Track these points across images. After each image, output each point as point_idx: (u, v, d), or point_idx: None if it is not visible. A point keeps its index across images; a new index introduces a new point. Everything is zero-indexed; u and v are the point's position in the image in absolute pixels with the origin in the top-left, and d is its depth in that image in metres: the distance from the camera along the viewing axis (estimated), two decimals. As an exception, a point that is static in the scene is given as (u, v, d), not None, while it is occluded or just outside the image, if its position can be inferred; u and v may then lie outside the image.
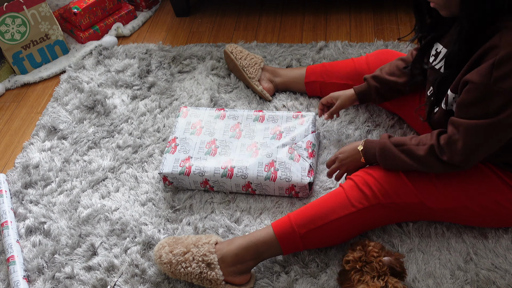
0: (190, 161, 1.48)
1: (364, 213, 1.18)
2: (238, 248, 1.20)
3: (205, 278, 1.19)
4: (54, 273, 1.34)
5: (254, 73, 1.76)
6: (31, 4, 1.94)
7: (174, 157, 1.50)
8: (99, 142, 1.70)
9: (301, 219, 1.20)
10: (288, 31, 2.12)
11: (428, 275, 1.23)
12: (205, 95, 1.82)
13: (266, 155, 1.47)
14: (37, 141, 1.73)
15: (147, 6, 2.32)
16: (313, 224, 1.19)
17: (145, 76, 1.94)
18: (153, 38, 2.18)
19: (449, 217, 1.24)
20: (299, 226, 1.19)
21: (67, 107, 1.84)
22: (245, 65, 1.77)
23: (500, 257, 1.25)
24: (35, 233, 1.44)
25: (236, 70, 1.81)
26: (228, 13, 2.27)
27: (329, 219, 1.18)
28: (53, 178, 1.59)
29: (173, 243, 1.24)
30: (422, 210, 1.21)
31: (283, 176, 1.41)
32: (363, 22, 2.10)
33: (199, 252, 1.20)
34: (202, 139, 1.55)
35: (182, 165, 1.47)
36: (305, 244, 1.21)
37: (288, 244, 1.21)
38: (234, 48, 1.82)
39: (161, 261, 1.22)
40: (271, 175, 1.42)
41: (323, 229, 1.19)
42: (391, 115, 1.64)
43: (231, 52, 1.80)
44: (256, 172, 1.43)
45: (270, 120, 1.59)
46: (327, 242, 1.25)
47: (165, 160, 1.50)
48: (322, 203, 1.22)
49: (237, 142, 1.53)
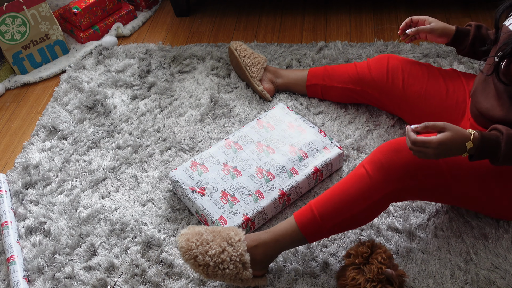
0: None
1: (389, 198, 1.16)
2: (266, 247, 1.20)
3: (239, 277, 1.17)
4: (54, 273, 1.34)
5: (256, 73, 1.76)
6: (31, 4, 1.94)
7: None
8: (99, 142, 1.70)
9: (327, 213, 1.16)
10: (288, 31, 2.12)
11: (428, 275, 1.23)
12: (205, 95, 1.82)
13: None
14: (37, 141, 1.73)
15: (147, 6, 2.32)
16: (339, 217, 1.16)
17: (145, 76, 1.94)
18: (153, 38, 2.18)
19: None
20: (324, 220, 1.16)
21: (67, 107, 1.84)
22: (248, 64, 1.77)
23: (500, 257, 1.25)
24: (35, 233, 1.44)
25: (239, 68, 1.81)
26: (228, 13, 2.27)
27: (356, 210, 1.16)
28: (53, 178, 1.59)
29: (203, 241, 1.17)
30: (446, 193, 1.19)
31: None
32: (363, 22, 2.10)
33: (236, 251, 1.16)
34: (214, 169, 1.46)
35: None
36: (331, 233, 1.20)
37: (314, 237, 1.19)
38: (239, 45, 1.81)
39: (196, 262, 1.15)
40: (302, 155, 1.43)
41: (351, 220, 1.17)
42: (391, 115, 1.64)
43: (236, 49, 1.80)
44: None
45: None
46: (353, 226, 1.22)
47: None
48: (345, 190, 1.17)
49: (243, 153, 1.49)
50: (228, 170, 1.44)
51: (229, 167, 1.44)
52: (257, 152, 1.48)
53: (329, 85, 1.64)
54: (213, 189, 1.39)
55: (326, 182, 1.49)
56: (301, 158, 1.45)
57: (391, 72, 1.50)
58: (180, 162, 1.60)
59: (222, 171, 1.44)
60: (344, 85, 1.61)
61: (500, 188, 1.17)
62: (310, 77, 1.69)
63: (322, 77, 1.66)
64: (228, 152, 1.49)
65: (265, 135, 1.53)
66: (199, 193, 1.39)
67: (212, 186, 1.40)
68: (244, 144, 1.51)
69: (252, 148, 1.49)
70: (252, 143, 1.51)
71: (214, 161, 1.47)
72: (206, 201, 1.37)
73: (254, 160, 1.46)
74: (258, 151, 1.48)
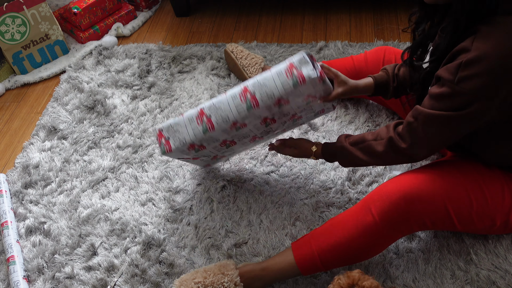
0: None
1: (389, 238, 1.14)
2: (262, 281, 1.21)
3: None
4: (54, 273, 1.34)
5: (255, 73, 1.76)
6: (31, 4, 1.94)
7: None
8: (99, 142, 1.70)
9: (331, 261, 1.14)
10: (288, 31, 2.12)
11: (428, 275, 1.23)
12: (205, 95, 1.82)
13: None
14: (37, 141, 1.73)
15: (147, 6, 2.32)
16: (344, 263, 1.16)
17: (145, 76, 1.94)
18: (153, 38, 2.18)
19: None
20: (327, 266, 1.15)
21: (67, 107, 1.84)
22: (245, 65, 1.77)
23: (500, 257, 1.24)
24: (35, 233, 1.44)
25: (236, 69, 1.81)
26: (228, 13, 2.27)
27: (363, 258, 1.16)
28: (53, 178, 1.59)
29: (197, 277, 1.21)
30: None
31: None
32: (363, 22, 2.10)
33: (229, 277, 1.19)
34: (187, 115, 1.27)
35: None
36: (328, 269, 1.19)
37: (311, 273, 1.19)
38: (235, 47, 1.81)
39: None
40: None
41: (351, 261, 1.17)
42: (391, 115, 1.64)
43: (232, 51, 1.80)
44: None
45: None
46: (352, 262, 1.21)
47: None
48: (352, 241, 1.12)
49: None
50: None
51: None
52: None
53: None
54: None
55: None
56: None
57: (387, 64, 1.49)
58: (181, 161, 1.60)
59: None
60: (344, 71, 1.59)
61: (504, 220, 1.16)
62: None
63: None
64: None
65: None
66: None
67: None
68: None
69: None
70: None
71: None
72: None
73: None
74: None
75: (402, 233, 1.13)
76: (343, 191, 1.45)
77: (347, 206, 1.41)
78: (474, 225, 1.14)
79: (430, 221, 1.11)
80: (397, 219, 1.09)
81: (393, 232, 1.11)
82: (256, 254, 1.33)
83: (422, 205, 1.08)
